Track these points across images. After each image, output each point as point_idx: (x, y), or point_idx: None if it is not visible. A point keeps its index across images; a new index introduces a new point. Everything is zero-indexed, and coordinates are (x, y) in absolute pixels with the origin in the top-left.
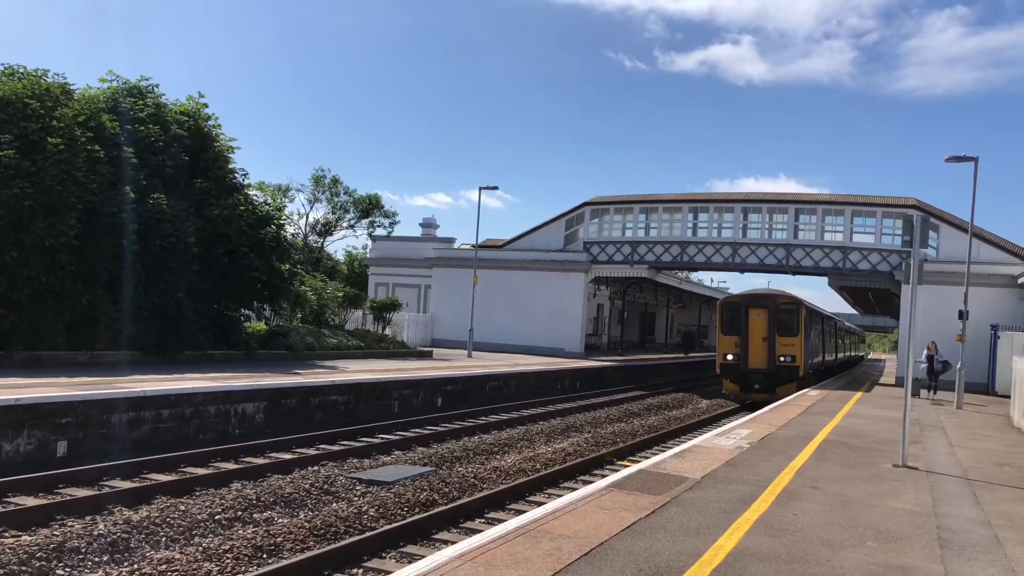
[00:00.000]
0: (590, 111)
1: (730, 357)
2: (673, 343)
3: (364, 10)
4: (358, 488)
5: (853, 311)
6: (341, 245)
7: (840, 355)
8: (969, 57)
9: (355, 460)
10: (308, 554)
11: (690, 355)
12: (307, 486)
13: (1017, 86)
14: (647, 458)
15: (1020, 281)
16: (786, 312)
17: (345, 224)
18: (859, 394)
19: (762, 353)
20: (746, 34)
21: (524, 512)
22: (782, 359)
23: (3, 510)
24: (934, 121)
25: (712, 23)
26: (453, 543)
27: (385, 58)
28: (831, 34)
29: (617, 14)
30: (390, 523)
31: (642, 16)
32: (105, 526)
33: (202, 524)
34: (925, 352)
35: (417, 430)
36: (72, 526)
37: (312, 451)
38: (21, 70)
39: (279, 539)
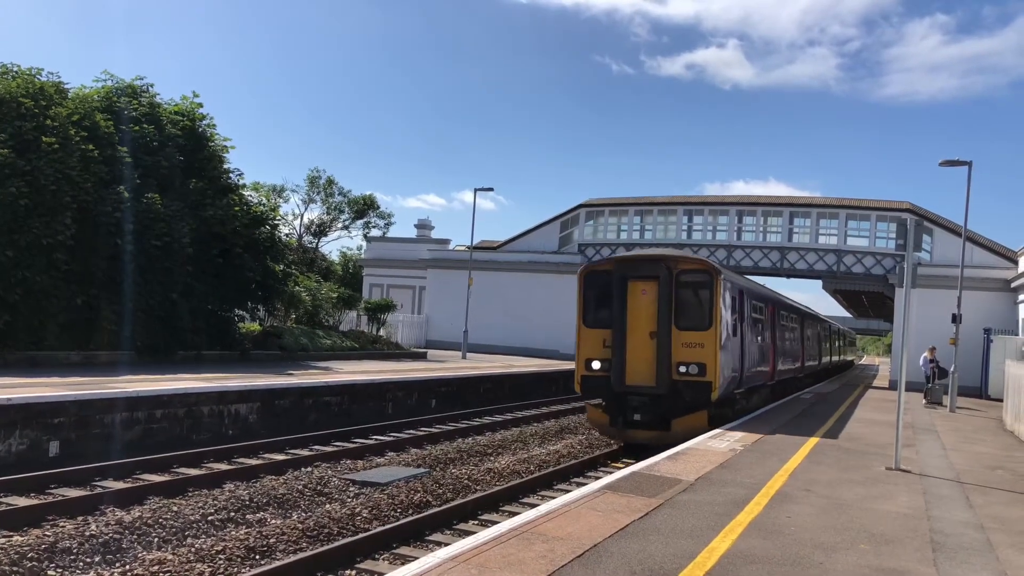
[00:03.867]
0: (579, 115)
1: (595, 365)
2: None
3: (357, 14)
4: (351, 489)
5: (847, 314)
6: (336, 246)
7: (814, 362)
8: (950, 64)
9: (349, 461)
10: (301, 555)
11: None
12: (300, 487)
13: (999, 92)
14: (641, 460)
15: (1013, 285)
16: (690, 286)
17: (340, 225)
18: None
19: (647, 359)
20: (732, 38)
21: (518, 514)
22: (683, 370)
23: None
24: (920, 127)
25: (698, 28)
26: (446, 544)
27: (377, 61)
28: (814, 41)
29: (603, 18)
30: (383, 524)
31: (628, 19)
32: (97, 527)
33: (195, 525)
34: (926, 356)
35: (411, 431)
36: (64, 526)
37: (306, 452)
38: (15, 69)
39: (272, 540)
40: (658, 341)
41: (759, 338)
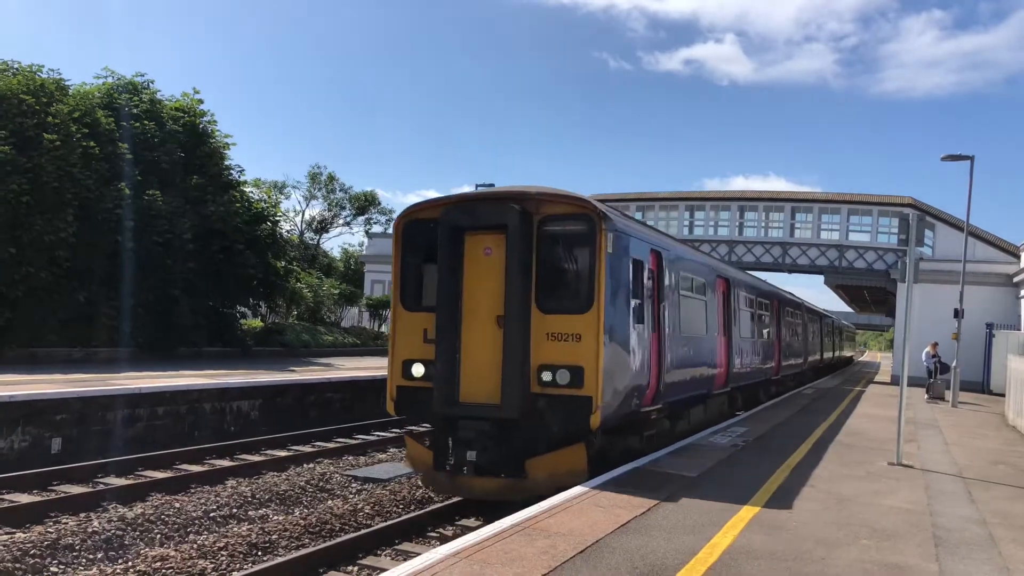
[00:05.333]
0: (578, 111)
1: (418, 371)
2: None
3: (357, 11)
4: (354, 485)
5: (849, 309)
6: (337, 242)
7: (796, 360)
8: (947, 60)
9: (351, 457)
10: (303, 551)
11: None
12: (302, 483)
13: (995, 88)
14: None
15: (1015, 280)
16: (561, 242)
17: (341, 221)
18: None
19: (492, 361)
20: (730, 33)
21: (519, 509)
22: (546, 377)
23: None
24: (918, 123)
25: (695, 24)
26: (448, 540)
27: (378, 58)
28: (811, 37)
29: (600, 14)
30: (385, 520)
31: (625, 15)
32: (99, 523)
33: (197, 521)
34: (928, 351)
35: None
36: (66, 523)
37: (307, 448)
38: (16, 66)
39: (274, 536)
40: (507, 331)
41: (700, 327)
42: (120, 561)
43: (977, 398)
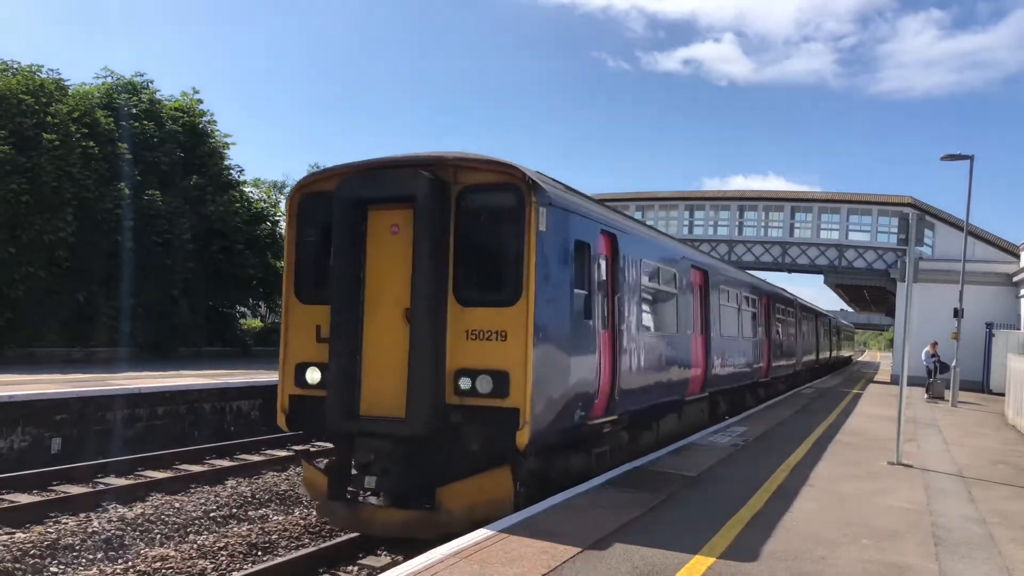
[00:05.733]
0: (577, 111)
1: (313, 377)
2: None
3: (357, 11)
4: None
5: (849, 309)
6: None
7: (788, 360)
8: (945, 60)
9: None
10: (303, 551)
11: None
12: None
13: (993, 87)
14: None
15: (1015, 279)
16: (483, 218)
17: None
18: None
19: (400, 364)
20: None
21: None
22: (464, 385)
23: None
24: (916, 122)
25: (694, 24)
26: (448, 540)
27: (377, 58)
28: (810, 37)
29: (599, 14)
30: None
31: (623, 15)
32: (99, 523)
33: (197, 521)
34: (928, 351)
35: None
36: (66, 523)
37: (308, 448)
38: (15, 66)
39: (274, 536)
40: (414, 328)
41: (670, 324)
42: (120, 561)
43: (977, 398)
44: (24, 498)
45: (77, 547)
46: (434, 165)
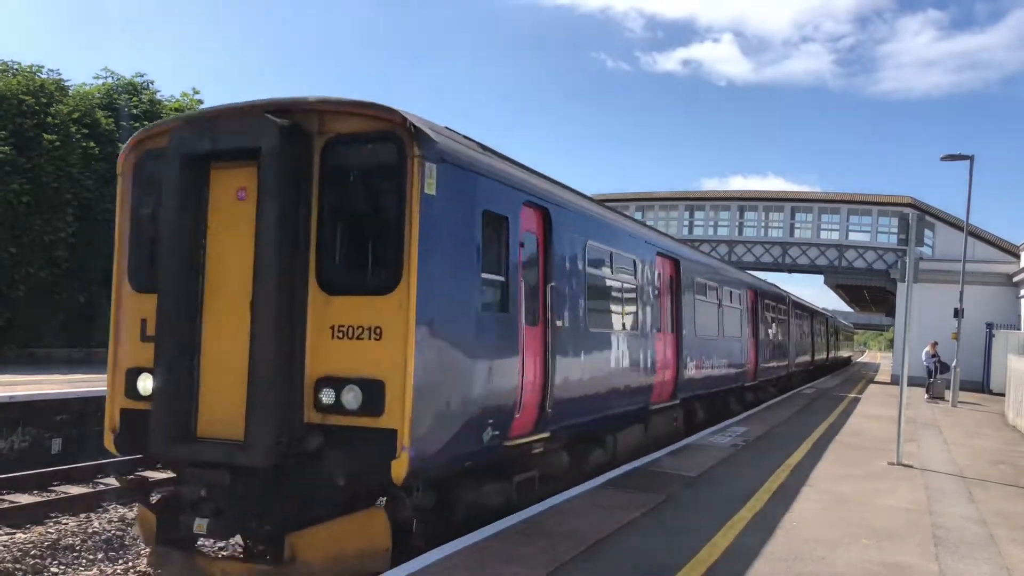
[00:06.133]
0: (576, 111)
1: (144, 386)
2: None
3: (358, 12)
4: None
5: (849, 309)
6: None
7: (779, 362)
8: (944, 60)
9: None
10: None
11: None
12: None
13: (992, 88)
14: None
15: (1015, 279)
16: (351, 175)
17: None
18: None
19: (239, 373)
20: (727, 33)
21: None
22: (326, 398)
23: None
24: (915, 122)
25: (692, 24)
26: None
27: (376, 58)
28: (808, 38)
29: (597, 14)
30: None
31: (622, 16)
32: (99, 523)
33: None
34: (928, 351)
35: None
36: (66, 523)
37: None
38: (16, 66)
39: None
40: (256, 323)
41: (628, 321)
42: (120, 562)
43: (977, 398)
44: (24, 498)
45: (77, 547)
46: (291, 110)
